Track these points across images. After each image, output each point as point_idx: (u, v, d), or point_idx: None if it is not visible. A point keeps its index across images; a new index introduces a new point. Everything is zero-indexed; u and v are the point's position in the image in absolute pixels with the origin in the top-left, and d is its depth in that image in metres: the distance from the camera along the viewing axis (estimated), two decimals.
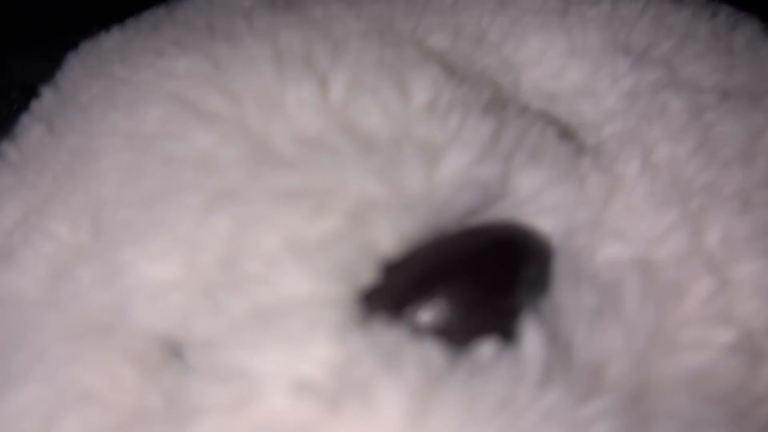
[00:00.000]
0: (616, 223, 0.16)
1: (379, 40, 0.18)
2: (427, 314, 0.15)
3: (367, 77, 0.17)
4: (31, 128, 0.20)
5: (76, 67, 0.21)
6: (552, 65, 0.20)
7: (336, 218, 0.15)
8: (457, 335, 0.15)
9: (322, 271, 0.15)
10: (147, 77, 0.18)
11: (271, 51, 0.18)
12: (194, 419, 0.14)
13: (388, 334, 0.14)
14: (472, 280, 0.15)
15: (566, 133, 0.19)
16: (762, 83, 0.19)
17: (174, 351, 0.15)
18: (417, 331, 0.15)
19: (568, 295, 0.15)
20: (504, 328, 0.15)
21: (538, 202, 0.17)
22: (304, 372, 0.14)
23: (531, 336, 0.14)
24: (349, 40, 0.18)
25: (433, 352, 0.14)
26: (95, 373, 0.15)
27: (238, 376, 0.14)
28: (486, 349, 0.14)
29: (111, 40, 0.21)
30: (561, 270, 0.16)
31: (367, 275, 0.15)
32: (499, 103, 0.18)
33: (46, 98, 0.21)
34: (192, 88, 0.18)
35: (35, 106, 0.21)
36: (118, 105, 0.18)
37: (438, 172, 0.16)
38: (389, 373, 0.13)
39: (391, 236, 0.15)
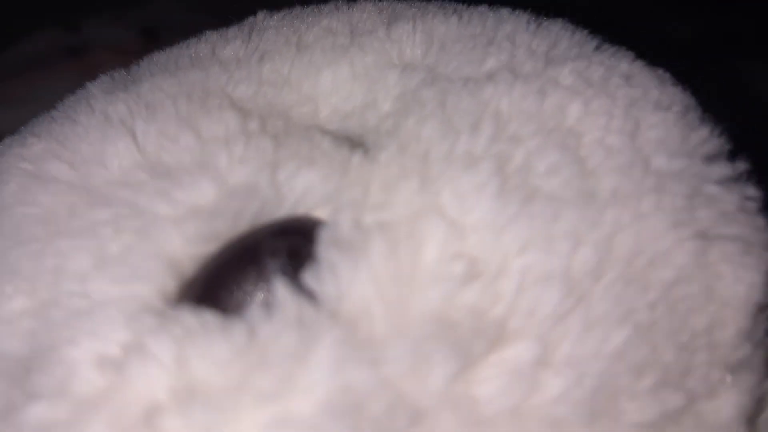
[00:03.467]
0: (375, 199, 0.20)
1: (186, 98, 0.23)
2: (212, 300, 0.19)
3: (169, 127, 0.22)
4: None
5: None
6: (343, 91, 0.24)
7: (129, 235, 0.19)
8: (235, 307, 0.19)
9: (120, 278, 0.19)
10: (9, 162, 0.23)
11: (99, 122, 0.23)
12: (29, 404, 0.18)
13: (174, 314, 0.18)
14: (250, 266, 0.19)
15: (351, 142, 0.23)
16: (512, 62, 0.23)
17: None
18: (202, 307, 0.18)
19: (328, 260, 0.19)
20: (270, 298, 0.18)
21: (311, 195, 0.20)
22: (105, 351, 0.18)
23: (287, 299, 0.18)
24: (162, 103, 0.23)
25: (203, 316, 0.18)
26: None
27: (59, 365, 0.18)
28: (253, 312, 0.18)
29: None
30: (325, 241, 0.19)
31: (165, 275, 0.19)
32: (287, 130, 0.22)
33: None
34: (41, 163, 0.22)
35: None
36: None
37: (220, 188, 0.20)
38: (158, 334, 0.17)
39: (180, 243, 0.19)
